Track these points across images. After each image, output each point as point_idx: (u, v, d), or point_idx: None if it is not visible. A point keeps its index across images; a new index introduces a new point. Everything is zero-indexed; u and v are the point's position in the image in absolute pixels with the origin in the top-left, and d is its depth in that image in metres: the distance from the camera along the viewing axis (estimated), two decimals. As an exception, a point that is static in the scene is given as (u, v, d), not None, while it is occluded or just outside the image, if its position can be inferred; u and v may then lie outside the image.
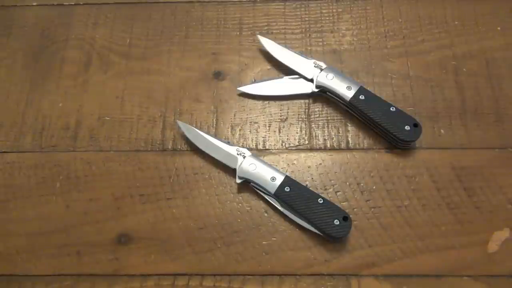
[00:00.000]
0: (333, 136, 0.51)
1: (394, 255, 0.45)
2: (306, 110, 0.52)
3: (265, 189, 0.46)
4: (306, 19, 0.57)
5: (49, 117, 0.53)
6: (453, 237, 0.45)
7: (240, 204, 0.48)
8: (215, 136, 0.51)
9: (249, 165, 0.47)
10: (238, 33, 0.57)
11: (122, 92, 0.54)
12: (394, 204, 0.47)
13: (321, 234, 0.45)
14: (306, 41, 0.56)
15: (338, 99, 0.50)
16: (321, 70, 0.51)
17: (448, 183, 0.48)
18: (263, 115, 0.52)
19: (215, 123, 0.52)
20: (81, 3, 0.60)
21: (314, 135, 0.51)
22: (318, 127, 0.51)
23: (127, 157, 0.51)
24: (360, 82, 0.52)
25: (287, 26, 0.57)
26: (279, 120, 0.52)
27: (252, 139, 0.51)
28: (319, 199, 0.45)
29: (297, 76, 0.53)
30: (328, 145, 0.50)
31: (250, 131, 0.52)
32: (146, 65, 0.55)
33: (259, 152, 0.50)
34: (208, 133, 0.50)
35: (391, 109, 0.48)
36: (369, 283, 0.44)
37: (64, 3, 0.60)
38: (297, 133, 0.51)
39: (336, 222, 0.44)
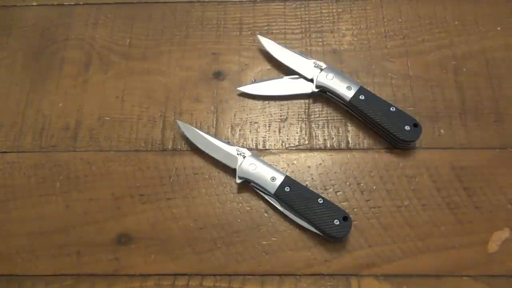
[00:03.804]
0: (333, 136, 0.51)
1: (394, 255, 0.45)
2: (306, 110, 0.52)
3: (265, 189, 0.46)
4: (306, 19, 0.57)
5: (49, 117, 0.53)
6: (453, 237, 0.45)
7: (240, 204, 0.48)
8: (215, 136, 0.51)
9: (249, 165, 0.47)
10: (238, 33, 0.57)
11: (122, 92, 0.54)
12: (394, 204, 0.47)
13: (321, 234, 0.45)
14: (306, 41, 0.56)
15: (338, 99, 0.50)
16: (321, 70, 0.51)
17: (448, 183, 0.48)
18: (263, 115, 0.52)
19: (215, 123, 0.52)
20: (81, 3, 0.60)
21: (314, 135, 0.51)
22: (318, 127, 0.51)
23: (127, 157, 0.51)
24: (360, 82, 0.52)
25: (287, 26, 0.57)
26: (279, 120, 0.52)
27: (252, 139, 0.51)
28: (319, 199, 0.45)
29: (297, 76, 0.53)
30: (328, 145, 0.50)
31: (250, 131, 0.52)
32: (146, 65, 0.55)
33: (259, 152, 0.50)
34: (208, 133, 0.50)
35: (391, 109, 0.48)
36: (369, 283, 0.44)
37: (64, 3, 0.60)
38: (297, 133, 0.51)
39: (336, 222, 0.44)
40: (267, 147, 0.51)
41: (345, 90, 0.49)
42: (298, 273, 0.45)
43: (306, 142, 0.51)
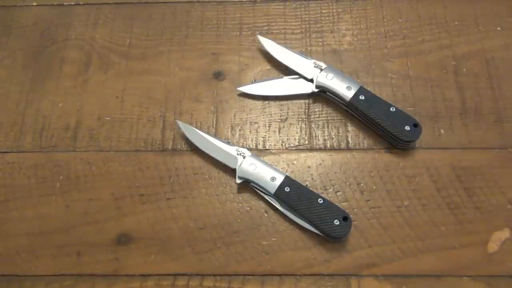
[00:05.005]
0: (333, 136, 0.51)
1: (394, 255, 0.45)
2: (306, 110, 0.52)
3: (265, 189, 0.46)
4: (306, 19, 0.57)
5: (49, 117, 0.53)
6: (453, 237, 0.45)
7: (240, 204, 0.48)
8: (215, 136, 0.51)
9: (249, 165, 0.47)
10: (238, 33, 0.57)
11: (122, 92, 0.54)
12: (394, 204, 0.47)
13: (321, 234, 0.45)
14: (306, 41, 0.56)
15: (338, 99, 0.50)
16: (321, 70, 0.51)
17: (448, 183, 0.48)
18: (263, 115, 0.52)
19: (215, 123, 0.52)
20: (81, 3, 0.60)
21: (314, 135, 0.51)
22: (318, 127, 0.51)
23: (127, 157, 0.51)
24: (360, 82, 0.52)
25: (287, 26, 0.57)
26: (279, 120, 0.52)
27: (252, 139, 0.51)
28: (319, 199, 0.45)
29: (297, 76, 0.53)
30: (328, 145, 0.50)
31: (250, 131, 0.52)
32: (146, 65, 0.55)
33: (259, 152, 0.50)
34: (208, 133, 0.50)
35: (391, 109, 0.48)
36: (369, 283, 0.44)
37: (64, 3, 0.60)
38: (297, 133, 0.51)
39: (336, 222, 0.44)
40: (267, 147, 0.51)
41: (345, 90, 0.49)
42: (298, 273, 0.45)
43: (306, 142, 0.51)
